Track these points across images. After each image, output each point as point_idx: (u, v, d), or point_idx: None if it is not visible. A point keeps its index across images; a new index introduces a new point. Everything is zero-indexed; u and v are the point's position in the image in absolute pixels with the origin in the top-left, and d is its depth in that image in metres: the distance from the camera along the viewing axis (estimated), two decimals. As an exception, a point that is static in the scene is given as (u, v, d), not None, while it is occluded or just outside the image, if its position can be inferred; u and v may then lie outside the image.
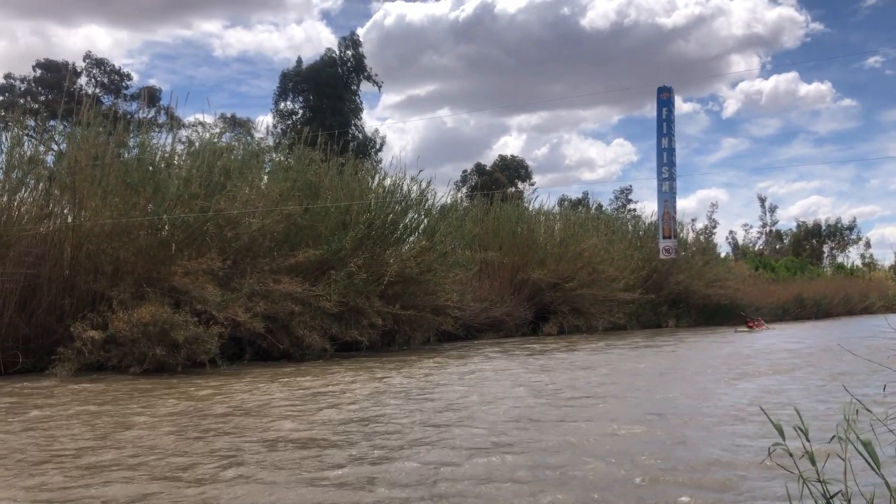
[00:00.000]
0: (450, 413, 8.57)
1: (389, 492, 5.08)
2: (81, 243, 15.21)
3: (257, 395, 10.48)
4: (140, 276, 14.97)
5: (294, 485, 5.27)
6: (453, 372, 13.81)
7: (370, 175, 22.04)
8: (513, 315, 25.30)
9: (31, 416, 8.73)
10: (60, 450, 6.67)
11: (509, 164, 62.72)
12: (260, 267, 16.13)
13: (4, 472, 5.81)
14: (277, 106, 49.23)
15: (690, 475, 5.56)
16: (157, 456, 6.30)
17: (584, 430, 7.32)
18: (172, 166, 17.21)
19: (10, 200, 15.26)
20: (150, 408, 9.35)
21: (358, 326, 17.08)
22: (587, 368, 14.39)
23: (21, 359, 14.28)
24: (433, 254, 19.34)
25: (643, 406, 9.19)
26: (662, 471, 5.66)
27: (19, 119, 18.01)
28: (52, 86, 39.87)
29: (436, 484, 5.26)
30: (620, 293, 28.64)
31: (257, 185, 17.76)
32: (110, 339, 13.79)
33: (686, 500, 4.93)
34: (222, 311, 14.54)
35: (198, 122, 21.74)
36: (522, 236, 27.62)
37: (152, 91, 39.92)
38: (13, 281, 14.34)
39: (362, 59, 49.23)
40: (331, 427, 7.67)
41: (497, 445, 6.58)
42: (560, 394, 10.32)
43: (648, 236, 33.98)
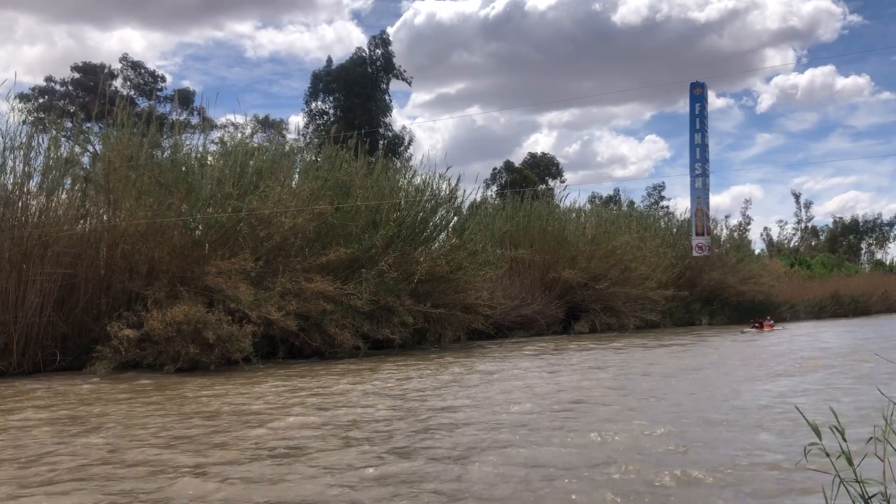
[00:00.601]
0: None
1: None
2: (117, 243, 15.46)
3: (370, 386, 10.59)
4: (174, 275, 15.18)
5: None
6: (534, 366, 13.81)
7: (400, 173, 22.09)
8: (544, 313, 25.19)
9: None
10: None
11: (539, 161, 62.48)
12: (292, 266, 16.25)
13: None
14: (309, 106, 49.61)
15: (722, 476, 5.50)
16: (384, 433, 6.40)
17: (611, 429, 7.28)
18: (205, 167, 17.42)
19: (48, 201, 15.57)
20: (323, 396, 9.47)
21: (389, 325, 17.14)
22: (625, 366, 14.30)
23: (59, 357, 14.57)
24: (463, 252, 19.32)
25: (675, 407, 9.10)
26: (695, 470, 5.60)
27: (56, 121, 18.37)
28: (88, 88, 40.56)
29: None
30: (653, 291, 28.38)
31: (289, 185, 17.88)
32: (145, 338, 14.00)
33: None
34: (255, 310, 14.68)
35: (230, 122, 21.99)
36: (553, 234, 27.46)
37: (186, 93, 40.43)
38: (51, 280, 14.62)
39: (391, 58, 49.32)
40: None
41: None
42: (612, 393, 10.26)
43: (681, 233, 33.62)
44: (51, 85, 42.40)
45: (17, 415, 8.92)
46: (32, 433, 7.59)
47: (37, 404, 9.85)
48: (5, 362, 13.95)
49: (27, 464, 6.15)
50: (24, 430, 7.80)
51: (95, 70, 42.87)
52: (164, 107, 40.16)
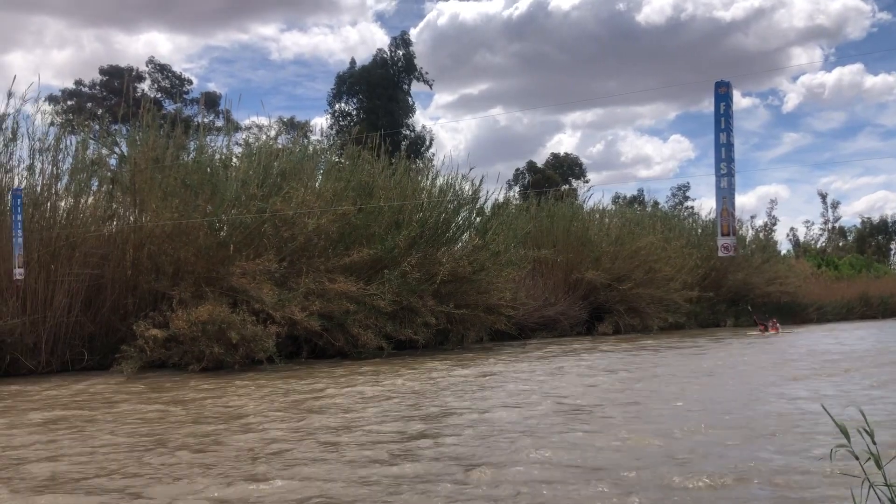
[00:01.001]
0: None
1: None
2: (143, 244, 15.64)
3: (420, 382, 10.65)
4: (200, 275, 15.32)
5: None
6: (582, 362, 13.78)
7: (422, 174, 22.11)
8: (567, 314, 25.08)
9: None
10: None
11: (563, 161, 62.28)
12: (315, 266, 16.33)
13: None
14: (332, 107, 49.86)
15: (754, 476, 5.44)
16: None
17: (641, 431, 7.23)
18: (230, 168, 17.57)
19: (76, 202, 15.79)
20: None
21: (412, 325, 17.16)
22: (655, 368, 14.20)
23: (87, 356, 14.77)
24: (486, 252, 19.30)
25: (707, 410, 9.03)
26: (727, 473, 5.55)
27: (84, 123, 18.62)
28: (115, 91, 41.07)
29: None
30: (677, 293, 28.17)
31: (312, 186, 17.97)
32: (171, 338, 14.15)
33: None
34: (279, 310, 14.76)
35: (254, 124, 22.16)
36: (576, 234, 27.35)
37: (212, 96, 40.79)
38: (79, 280, 14.83)
39: (412, 59, 49.43)
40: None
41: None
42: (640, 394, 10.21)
43: (706, 234, 33.35)
44: (79, 88, 43.01)
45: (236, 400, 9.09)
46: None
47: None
48: (34, 361, 14.17)
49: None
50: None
51: (122, 73, 43.41)
52: (191, 109, 40.57)
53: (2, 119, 15.10)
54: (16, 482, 5.56)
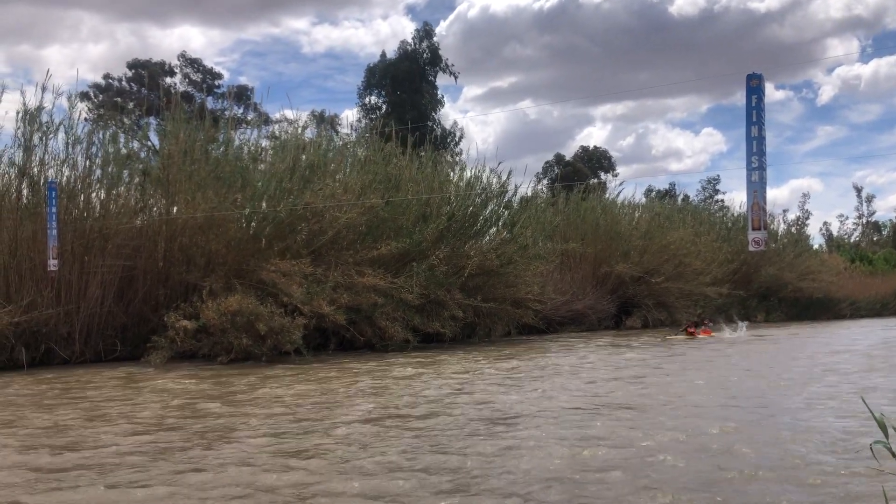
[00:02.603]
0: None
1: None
2: (175, 236, 15.82)
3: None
4: (230, 268, 15.47)
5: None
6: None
7: (449, 167, 22.11)
8: (595, 308, 24.97)
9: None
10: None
11: (592, 154, 61.89)
12: (344, 259, 16.40)
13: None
14: (362, 100, 49.96)
15: (785, 473, 5.39)
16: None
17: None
18: (259, 161, 17.70)
19: (108, 195, 16.01)
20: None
21: (439, 318, 17.18)
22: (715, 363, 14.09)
23: (119, 346, 15.00)
24: (513, 246, 19.26)
25: (735, 403, 8.95)
26: (759, 468, 5.50)
27: (116, 117, 18.86)
28: (144, 85, 41.55)
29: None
30: (707, 287, 27.91)
31: (342, 180, 18.04)
32: (201, 329, 14.31)
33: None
34: (307, 304, 14.86)
35: (284, 118, 22.28)
36: (605, 228, 27.21)
37: (242, 89, 41.11)
38: (112, 272, 15.05)
39: (437, 51, 49.32)
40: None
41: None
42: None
43: (737, 228, 33.02)
44: (109, 82, 43.56)
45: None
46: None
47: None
48: (68, 351, 14.41)
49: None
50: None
51: (151, 66, 43.87)
52: (222, 103, 40.91)
53: (37, 113, 15.32)
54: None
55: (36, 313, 13.99)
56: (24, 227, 14.64)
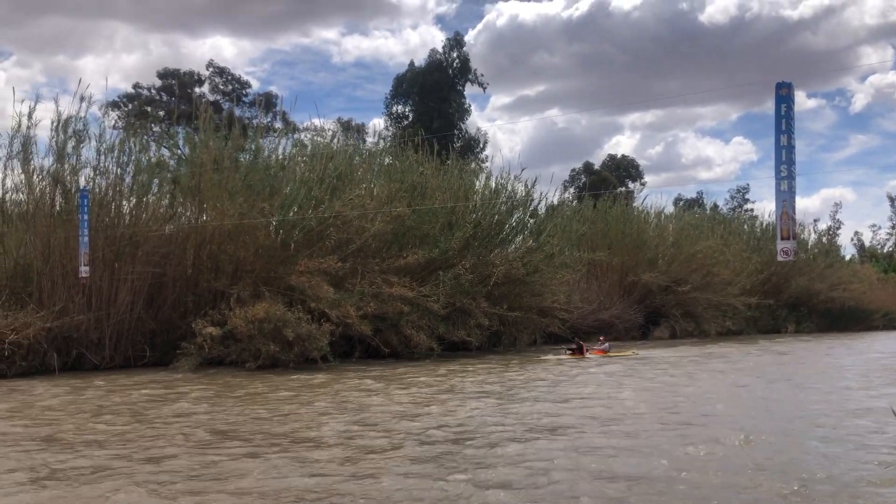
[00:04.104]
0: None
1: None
2: (203, 243, 15.99)
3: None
4: (258, 275, 15.59)
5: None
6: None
7: (475, 175, 22.12)
8: (622, 318, 24.79)
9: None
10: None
11: (619, 163, 61.56)
12: (370, 267, 16.46)
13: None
14: (390, 109, 50.22)
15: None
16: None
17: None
18: (287, 169, 17.85)
19: (139, 203, 16.22)
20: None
21: (465, 327, 17.16)
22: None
23: (149, 352, 15.17)
24: (539, 254, 19.19)
25: (779, 415, 8.84)
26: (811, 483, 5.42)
27: (146, 126, 19.12)
28: (174, 94, 42.10)
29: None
30: (735, 298, 27.59)
31: (369, 189, 18.12)
32: (228, 335, 14.43)
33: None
34: (335, 309, 14.92)
35: (312, 126, 22.44)
36: (632, 237, 27.04)
37: (269, 97, 41.47)
38: (142, 279, 15.23)
39: (467, 61, 49.45)
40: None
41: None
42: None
43: (766, 238, 32.62)
44: (139, 91, 44.20)
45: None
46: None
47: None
48: (99, 356, 14.60)
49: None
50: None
51: (180, 76, 44.47)
52: (251, 111, 41.29)
53: (70, 122, 15.57)
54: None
55: (67, 319, 14.20)
56: (56, 234, 14.88)
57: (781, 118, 7.08)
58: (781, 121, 7.08)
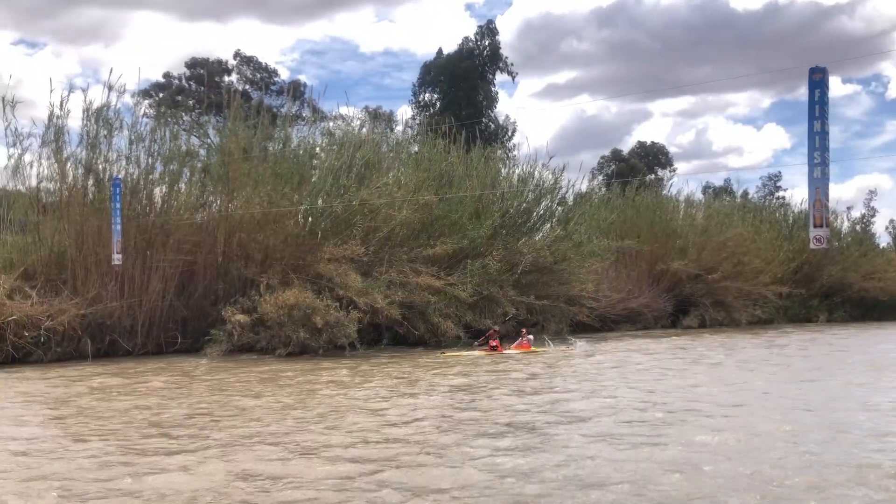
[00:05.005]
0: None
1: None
2: (233, 232, 16.13)
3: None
4: (287, 263, 15.72)
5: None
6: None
7: (502, 164, 22.04)
8: (651, 307, 24.57)
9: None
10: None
11: (649, 150, 60.87)
12: (398, 256, 16.51)
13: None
14: (417, 98, 50.08)
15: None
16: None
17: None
18: (316, 157, 17.92)
19: (170, 191, 16.39)
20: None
21: (492, 315, 17.16)
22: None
23: (180, 339, 15.37)
24: (568, 243, 19.10)
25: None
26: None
27: (176, 115, 19.29)
28: (203, 83, 42.29)
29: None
30: (766, 287, 27.21)
31: (396, 177, 18.14)
32: (258, 322, 14.58)
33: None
34: (363, 296, 15.00)
35: (339, 115, 22.45)
36: (661, 225, 26.76)
37: (296, 85, 41.58)
38: (173, 266, 15.42)
39: (498, 49, 49.12)
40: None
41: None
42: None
43: (799, 226, 32.11)
44: (169, 80, 44.49)
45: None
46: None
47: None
48: (131, 343, 14.83)
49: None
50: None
51: (209, 65, 44.65)
52: (278, 100, 41.41)
53: (101, 111, 15.75)
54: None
55: (101, 306, 14.44)
56: (89, 223, 15.09)
57: (815, 104, 6.97)
58: (815, 107, 6.97)
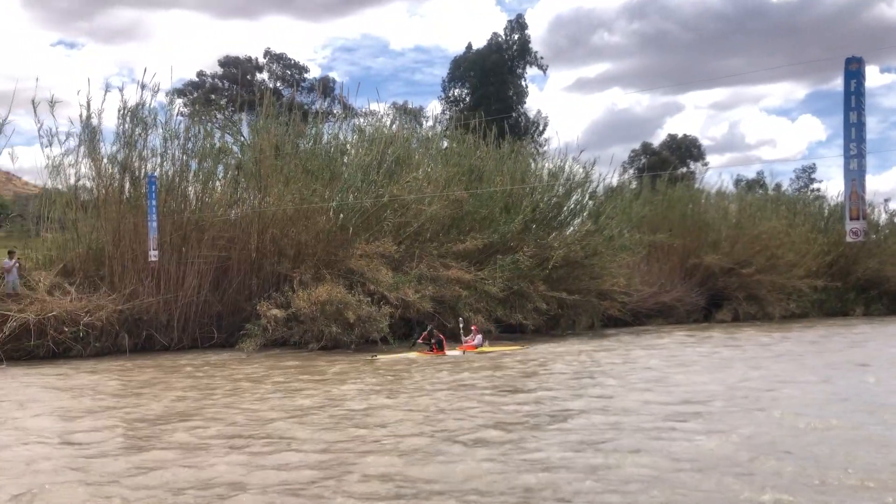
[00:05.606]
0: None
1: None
2: (266, 228, 16.32)
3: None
4: (319, 258, 15.89)
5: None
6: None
7: (533, 158, 22.00)
8: (683, 301, 24.39)
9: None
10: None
11: (680, 143, 60.24)
12: (429, 251, 16.59)
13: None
14: (447, 93, 50.08)
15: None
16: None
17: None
18: (347, 154, 18.05)
19: (204, 188, 16.63)
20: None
21: (522, 310, 17.16)
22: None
23: (216, 334, 15.60)
24: (599, 237, 19.03)
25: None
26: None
27: (209, 113, 19.55)
28: (235, 81, 42.71)
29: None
30: (801, 280, 26.86)
31: (426, 173, 18.20)
32: (291, 317, 14.76)
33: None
34: (394, 291, 15.11)
35: (370, 111, 22.58)
36: (694, 218, 26.54)
37: (326, 82, 41.77)
38: (208, 262, 15.66)
39: (527, 43, 48.94)
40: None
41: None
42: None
43: (834, 218, 31.63)
44: (202, 79, 45.00)
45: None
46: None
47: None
48: (167, 338, 15.09)
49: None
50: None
51: (241, 63, 45.05)
52: (308, 97, 41.68)
53: (136, 110, 16.01)
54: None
55: (137, 301, 14.71)
56: (126, 220, 15.37)
57: (851, 94, 6.89)
58: (851, 97, 6.89)
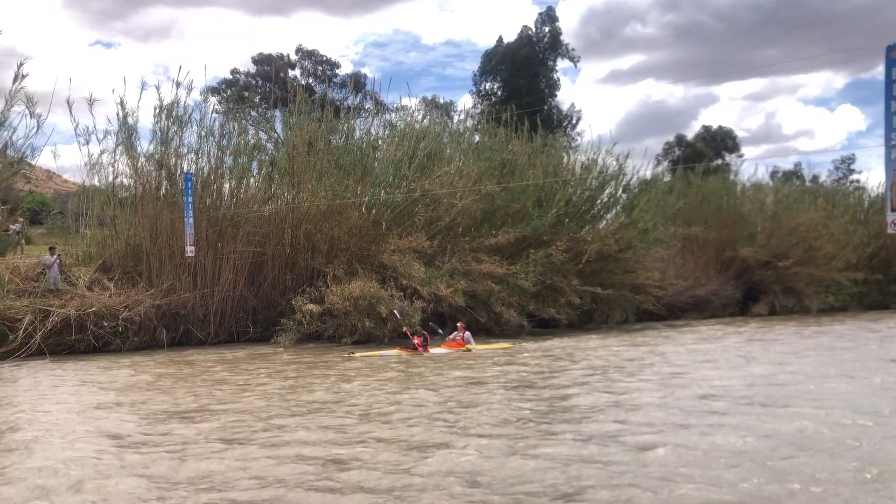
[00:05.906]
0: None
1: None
2: (300, 223, 16.47)
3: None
4: (352, 253, 16.01)
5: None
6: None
7: (565, 152, 21.89)
8: (719, 294, 24.13)
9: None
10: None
11: (715, 135, 59.45)
12: (461, 246, 16.61)
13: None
14: (478, 87, 49.99)
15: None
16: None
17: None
18: (379, 149, 18.12)
19: (239, 184, 16.82)
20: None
21: (555, 304, 17.11)
22: None
23: (252, 328, 15.80)
24: (632, 230, 18.88)
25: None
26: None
27: (244, 110, 19.75)
28: (268, 78, 43.10)
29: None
30: (840, 272, 26.39)
31: (458, 167, 18.21)
32: (326, 312, 14.88)
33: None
34: (426, 286, 15.16)
35: (401, 106, 22.62)
36: (729, 211, 26.21)
37: (357, 77, 41.94)
38: (243, 258, 15.85)
39: (558, 35, 48.64)
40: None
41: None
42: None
43: (874, 210, 31.02)
44: (236, 77, 45.46)
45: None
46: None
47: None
48: (204, 332, 15.30)
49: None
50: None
51: (273, 60, 45.43)
52: (340, 93, 41.90)
53: (172, 107, 16.21)
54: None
55: (175, 296, 14.93)
56: (163, 216, 15.60)
57: (893, 83, 6.74)
58: (893, 85, 6.73)
